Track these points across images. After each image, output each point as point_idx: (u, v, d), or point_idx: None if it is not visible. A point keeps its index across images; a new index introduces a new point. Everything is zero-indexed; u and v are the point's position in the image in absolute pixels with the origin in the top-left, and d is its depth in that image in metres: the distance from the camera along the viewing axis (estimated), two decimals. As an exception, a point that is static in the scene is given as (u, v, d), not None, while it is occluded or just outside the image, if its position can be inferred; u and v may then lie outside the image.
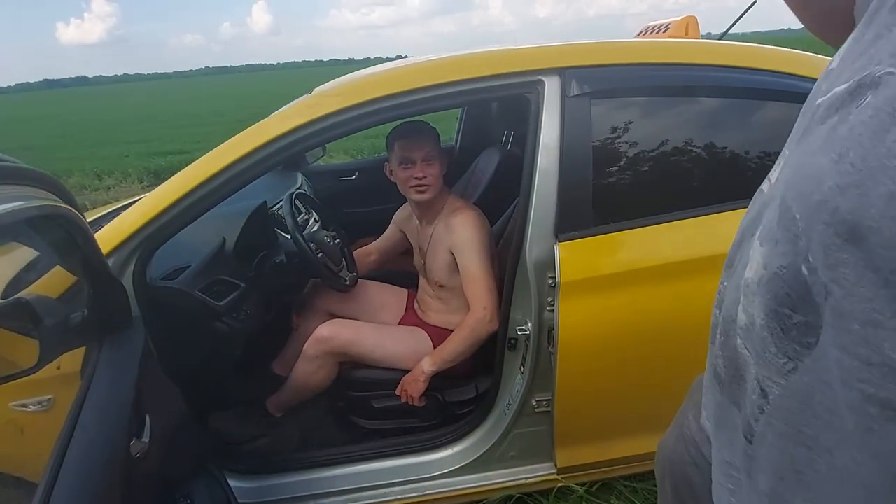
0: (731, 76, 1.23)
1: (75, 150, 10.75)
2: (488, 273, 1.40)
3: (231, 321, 1.37)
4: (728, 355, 0.48)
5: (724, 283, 0.55)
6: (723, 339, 0.49)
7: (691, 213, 1.21)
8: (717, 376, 0.52)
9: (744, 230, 0.51)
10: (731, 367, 0.48)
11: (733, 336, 0.46)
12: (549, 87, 1.19)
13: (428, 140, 1.45)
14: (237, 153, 1.18)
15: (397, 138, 1.45)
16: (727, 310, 0.49)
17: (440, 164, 1.46)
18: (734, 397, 0.48)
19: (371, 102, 1.14)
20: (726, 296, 0.50)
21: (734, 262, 0.51)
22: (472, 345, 1.40)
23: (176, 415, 1.04)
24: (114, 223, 1.19)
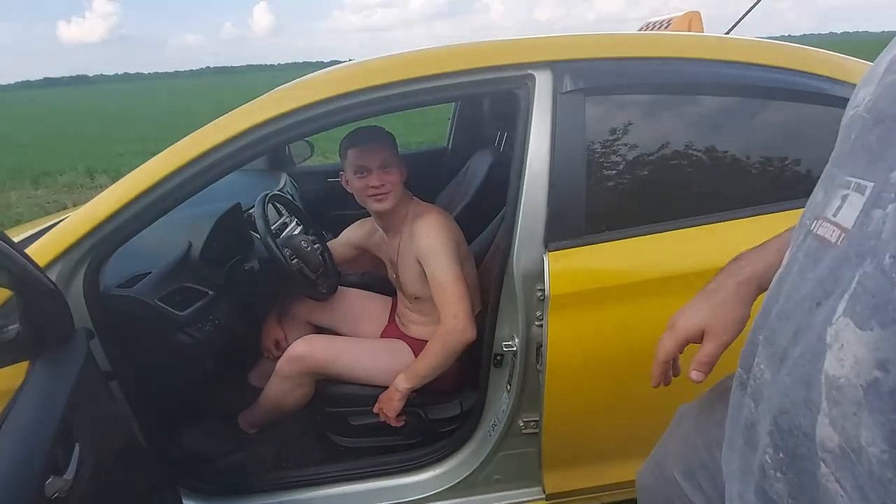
0: (739, 73, 1.13)
1: (71, 148, 10.68)
2: (457, 279, 1.30)
3: (195, 332, 1.27)
4: (797, 481, 0.33)
5: (760, 363, 0.40)
6: (779, 457, 0.35)
7: (694, 221, 1.11)
8: (769, 503, 0.37)
9: (798, 293, 0.36)
10: (805, 501, 0.33)
11: (809, 459, 0.32)
12: (539, 82, 1.09)
13: (383, 146, 1.35)
14: (199, 149, 1.08)
15: (350, 146, 1.35)
16: (785, 415, 0.34)
17: (398, 171, 1.37)
18: None
19: (339, 98, 1.03)
20: (777, 389, 0.36)
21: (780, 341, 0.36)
22: (446, 357, 1.30)
23: (119, 441, 0.93)
24: (61, 226, 1.09)
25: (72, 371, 0.87)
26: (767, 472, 0.37)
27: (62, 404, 0.79)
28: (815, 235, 0.38)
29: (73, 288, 1.09)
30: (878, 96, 0.36)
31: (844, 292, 0.31)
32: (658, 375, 0.69)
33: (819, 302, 0.33)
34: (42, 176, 7.63)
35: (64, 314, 0.92)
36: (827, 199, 0.39)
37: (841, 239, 0.34)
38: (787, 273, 0.40)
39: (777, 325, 0.38)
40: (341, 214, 2.41)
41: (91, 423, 0.87)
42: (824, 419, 0.30)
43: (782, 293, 0.39)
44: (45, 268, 1.05)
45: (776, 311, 0.39)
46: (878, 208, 0.31)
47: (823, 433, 0.31)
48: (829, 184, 0.40)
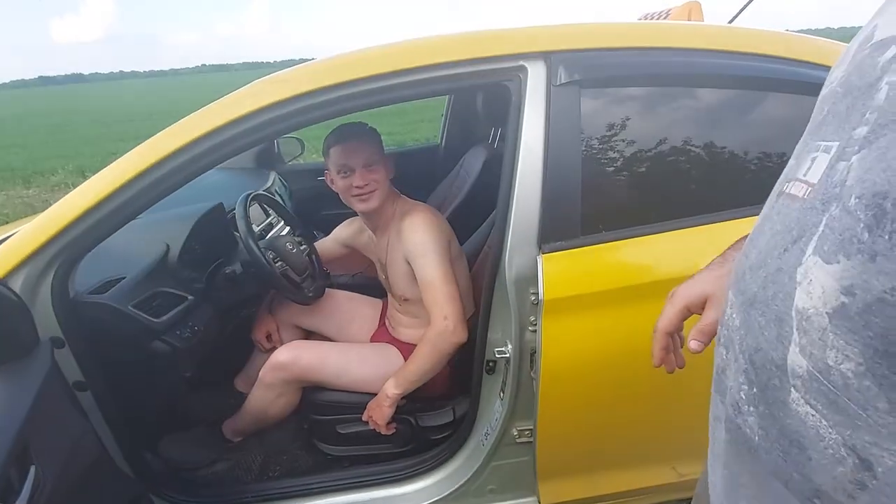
0: (742, 64, 1.07)
1: (64, 147, 10.59)
2: (446, 278, 1.24)
3: (173, 339, 1.21)
4: (767, 412, 0.37)
5: (730, 310, 0.44)
6: (752, 391, 0.38)
7: (695, 220, 1.05)
8: (747, 442, 0.40)
9: (768, 245, 0.40)
10: (772, 430, 0.37)
11: (781, 389, 0.36)
12: (532, 74, 1.03)
13: (367, 144, 1.29)
14: (176, 144, 1.01)
15: (333, 144, 1.29)
16: (760, 353, 0.38)
17: (384, 169, 1.31)
18: (779, 468, 0.37)
19: (318, 92, 0.97)
20: (748, 332, 0.40)
21: (751, 287, 0.40)
22: (436, 360, 1.25)
23: (86, 457, 0.88)
24: (26, 229, 1.02)
25: (32, 385, 0.81)
26: (742, 407, 0.40)
27: (18, 422, 0.74)
28: (785, 195, 0.41)
29: (40, 295, 1.02)
30: (849, 72, 0.40)
31: (813, 236, 0.34)
32: (658, 353, 0.65)
33: (786, 248, 0.37)
34: (34, 175, 7.56)
35: (24, 325, 0.86)
36: (798, 163, 0.43)
37: (808, 193, 0.37)
38: (761, 230, 0.43)
39: (748, 275, 0.41)
40: (333, 214, 2.36)
41: (52, 440, 0.81)
42: (795, 348, 0.34)
43: (755, 247, 0.42)
44: (8, 274, 0.99)
45: (749, 263, 0.42)
46: (843, 160, 0.34)
47: (794, 361, 0.34)
48: (801, 151, 0.44)
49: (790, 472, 0.36)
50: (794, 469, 0.36)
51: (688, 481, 1.26)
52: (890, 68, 0.34)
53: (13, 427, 0.73)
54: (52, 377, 0.85)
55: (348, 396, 1.38)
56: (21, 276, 1.00)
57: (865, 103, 0.35)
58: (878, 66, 0.36)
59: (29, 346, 0.86)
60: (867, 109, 0.35)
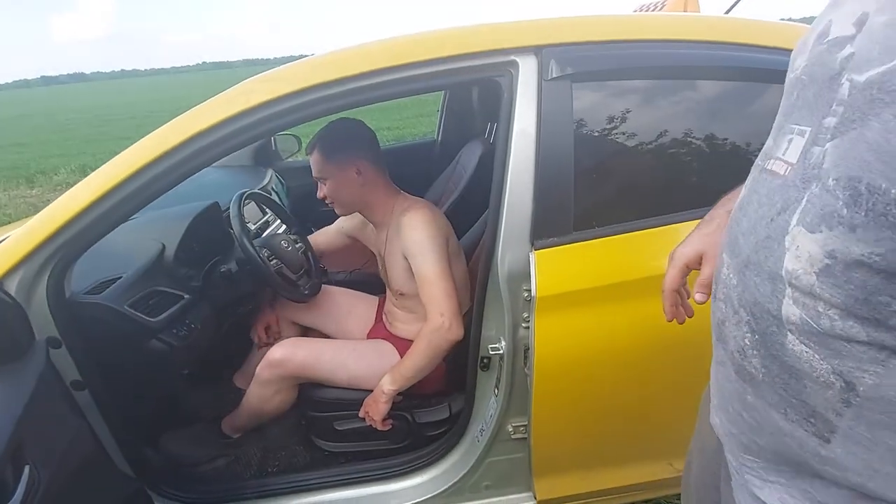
0: (739, 55, 1.06)
1: (67, 146, 10.63)
2: (444, 275, 1.25)
3: (169, 338, 1.22)
4: (768, 353, 0.44)
5: (726, 271, 0.50)
6: (755, 338, 0.45)
7: (689, 215, 1.04)
8: (748, 377, 0.47)
9: (756, 214, 0.46)
10: (773, 367, 0.44)
11: (778, 333, 0.43)
12: (523, 68, 1.03)
13: (317, 157, 1.32)
14: (170, 143, 1.01)
15: None
16: (758, 306, 0.44)
17: (342, 178, 1.32)
18: (776, 400, 0.45)
19: (307, 91, 0.97)
20: (745, 289, 0.46)
21: (744, 250, 0.47)
22: (432, 357, 1.25)
23: (81, 456, 0.88)
24: (22, 230, 1.03)
25: (26, 385, 0.81)
26: (747, 352, 0.46)
27: (12, 423, 0.74)
28: (767, 171, 0.48)
29: (36, 295, 1.03)
30: (812, 63, 0.46)
31: (796, 209, 0.41)
32: (669, 308, 0.73)
33: (772, 218, 0.43)
34: (37, 175, 7.59)
35: (18, 325, 0.87)
36: (776, 143, 0.49)
37: (787, 171, 0.44)
38: (749, 201, 0.49)
39: (741, 240, 0.48)
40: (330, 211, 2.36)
41: (47, 440, 0.82)
42: (788, 301, 0.41)
43: (745, 216, 0.48)
44: (4, 275, 1.00)
45: (741, 230, 0.48)
46: (817, 146, 0.41)
47: (788, 311, 0.41)
48: (776, 132, 0.50)
49: (790, 399, 0.43)
50: (793, 396, 0.43)
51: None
52: (847, 66, 0.40)
53: (7, 428, 0.73)
54: (46, 377, 0.86)
55: (345, 393, 1.39)
56: (17, 278, 1.00)
57: (830, 95, 0.41)
58: (837, 62, 0.42)
59: (24, 347, 0.86)
60: (833, 101, 0.40)
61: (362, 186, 1.33)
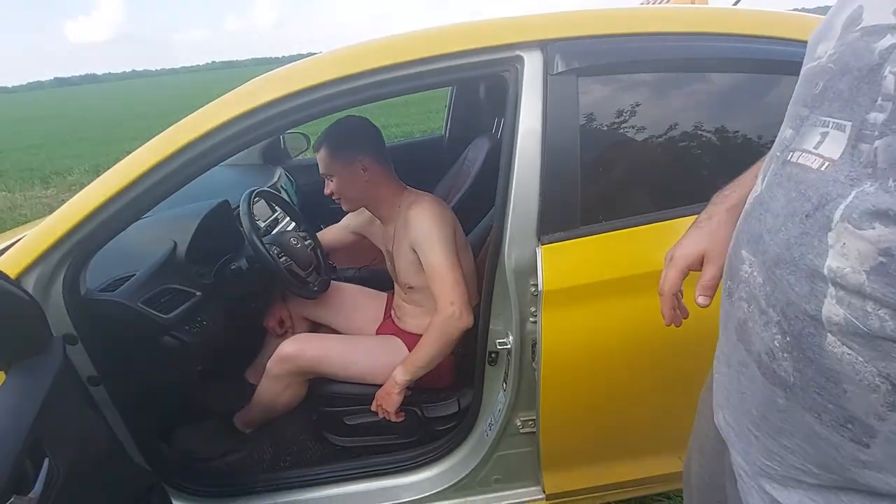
0: (748, 47, 1.04)
1: (80, 147, 10.77)
2: (452, 265, 1.26)
3: (182, 335, 1.24)
4: (802, 356, 0.42)
5: (749, 268, 0.48)
6: (786, 340, 0.43)
7: (696, 209, 1.03)
8: (779, 380, 0.45)
9: (785, 210, 0.44)
10: (808, 371, 0.42)
11: (815, 335, 0.40)
12: (528, 63, 1.02)
13: (323, 154, 1.34)
14: (178, 143, 1.03)
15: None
16: (792, 306, 0.42)
17: (347, 176, 1.34)
18: (809, 403, 0.43)
19: (314, 89, 0.97)
20: (775, 287, 0.44)
21: (772, 248, 0.44)
22: (443, 346, 1.26)
23: (97, 450, 0.91)
24: (38, 229, 1.05)
25: (45, 381, 0.83)
26: (776, 354, 0.44)
27: (32, 417, 0.76)
28: (794, 164, 0.45)
29: (52, 293, 1.06)
30: (842, 52, 0.43)
31: (838, 205, 0.38)
32: (668, 312, 0.70)
33: (808, 214, 0.41)
34: (51, 175, 7.71)
35: (37, 322, 0.89)
36: (802, 135, 0.45)
37: (825, 166, 0.41)
38: (773, 195, 0.46)
39: (767, 237, 0.45)
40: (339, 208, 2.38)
41: (65, 433, 0.84)
42: (830, 300, 0.39)
43: (769, 211, 0.46)
44: (22, 273, 1.02)
45: (766, 226, 0.46)
46: (864, 143, 0.38)
47: (830, 311, 0.39)
48: (799, 123, 0.47)
49: (825, 405, 0.41)
50: (829, 400, 0.41)
51: (693, 470, 1.26)
52: (890, 58, 0.38)
53: (27, 421, 0.75)
54: (63, 373, 0.88)
55: (355, 388, 1.40)
56: (34, 276, 1.03)
57: (872, 89, 0.39)
58: (876, 53, 0.39)
59: (42, 343, 0.88)
60: (878, 96, 0.38)
61: (368, 182, 1.35)
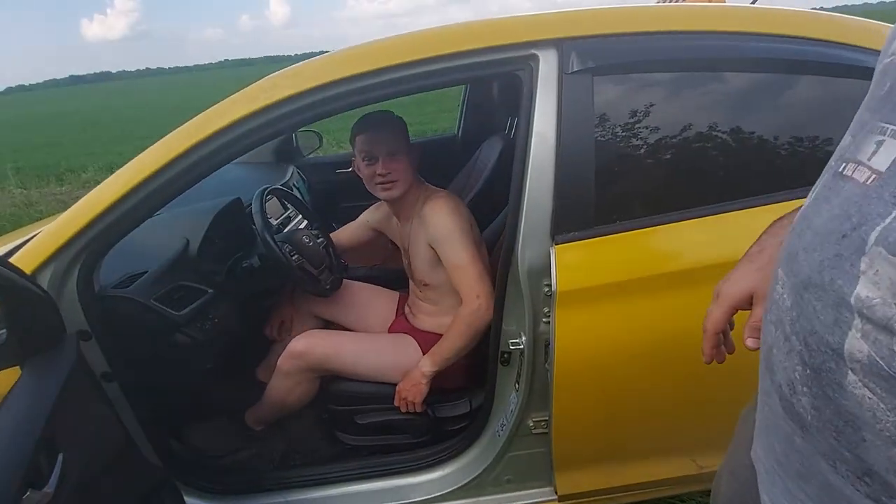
0: (766, 46, 1.02)
1: (95, 145, 10.91)
2: (475, 259, 1.26)
3: (194, 332, 1.24)
4: (821, 393, 0.38)
5: (780, 289, 0.44)
6: (806, 373, 0.39)
7: (714, 209, 1.02)
8: (797, 416, 0.41)
9: (825, 227, 0.40)
10: (826, 411, 0.38)
11: (836, 371, 0.36)
12: (543, 62, 1.01)
13: (391, 133, 1.31)
14: (191, 140, 1.03)
15: (359, 132, 1.32)
16: (815, 336, 0.38)
17: (407, 158, 1.32)
18: (825, 449, 0.38)
19: (328, 87, 0.97)
20: (801, 314, 0.40)
21: (804, 269, 0.40)
22: (470, 338, 1.26)
23: (111, 445, 0.91)
24: (52, 226, 1.06)
25: (59, 376, 0.84)
26: (797, 387, 0.40)
27: (46, 412, 0.77)
28: (843, 176, 0.40)
29: (67, 289, 1.06)
30: None
31: (875, 226, 0.34)
32: (709, 351, 0.65)
33: (845, 234, 0.36)
34: (66, 173, 7.82)
35: (52, 318, 0.90)
36: (858, 143, 0.41)
37: (871, 180, 0.37)
38: (817, 211, 0.42)
39: (802, 256, 0.41)
40: (351, 206, 2.38)
41: (79, 429, 0.85)
42: (855, 334, 0.34)
43: (810, 228, 0.41)
44: (37, 269, 1.03)
45: (803, 244, 0.41)
46: None
47: (853, 346, 0.35)
48: (860, 129, 0.42)
49: (841, 452, 0.37)
50: (846, 449, 0.36)
51: (708, 473, 1.23)
52: None
53: (42, 416, 0.76)
54: (77, 368, 0.89)
55: (366, 387, 1.40)
56: (48, 272, 1.04)
57: None
58: None
59: (56, 339, 0.89)
60: None
61: (413, 170, 1.35)
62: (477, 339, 1.27)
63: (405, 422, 1.38)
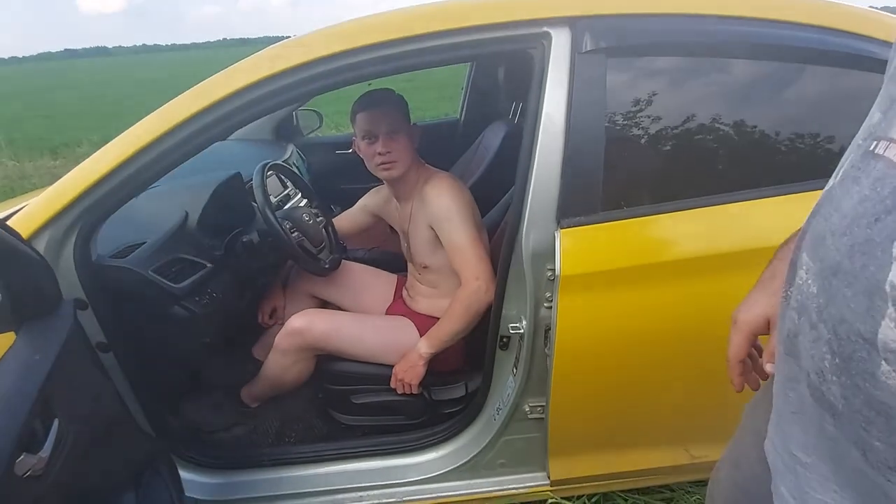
0: (785, 34, 1.00)
1: (90, 119, 10.75)
2: (475, 240, 1.25)
3: (192, 305, 1.23)
4: (851, 383, 0.37)
5: (805, 275, 0.43)
6: (835, 362, 0.38)
7: (724, 198, 1.01)
8: (827, 404, 0.40)
9: (855, 210, 0.38)
10: (855, 400, 0.37)
11: (868, 361, 0.35)
12: (556, 40, 0.99)
13: (391, 111, 1.29)
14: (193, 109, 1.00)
15: (359, 110, 1.30)
16: (844, 324, 0.37)
17: (407, 137, 1.31)
18: (854, 437, 0.38)
19: (332, 58, 0.95)
20: (830, 301, 0.39)
21: (832, 254, 0.38)
22: (469, 321, 1.25)
23: (106, 414, 0.90)
24: (50, 190, 1.04)
25: (55, 342, 0.83)
26: (826, 376, 0.39)
27: (42, 377, 0.76)
28: (875, 155, 0.39)
29: (63, 257, 1.05)
30: None
31: None
32: (737, 380, 0.64)
33: (878, 217, 0.35)
34: (61, 147, 7.71)
35: (48, 284, 0.88)
36: (889, 119, 0.39)
37: None
38: (844, 192, 0.40)
39: (830, 240, 0.39)
40: (351, 188, 2.36)
41: (75, 396, 0.83)
42: (889, 323, 0.33)
43: (838, 210, 0.40)
44: (33, 234, 1.01)
45: (830, 226, 0.40)
46: None
47: (887, 335, 0.34)
48: (889, 104, 0.41)
49: (871, 441, 0.36)
50: (877, 437, 0.36)
51: (700, 463, 1.25)
52: None
53: (37, 381, 0.75)
54: (74, 335, 0.87)
55: (362, 367, 1.40)
56: (45, 238, 1.02)
57: None
58: None
59: (52, 304, 0.87)
60: None
61: (414, 150, 1.34)
62: (475, 322, 1.26)
63: (401, 403, 1.38)
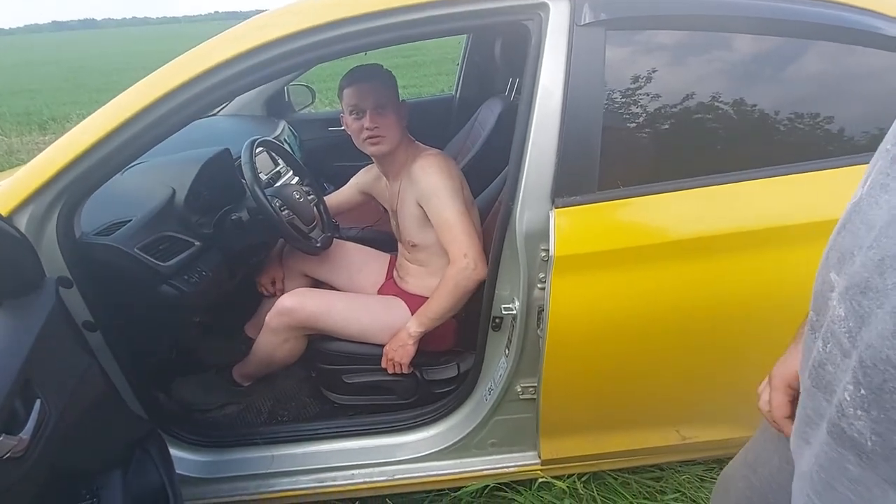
0: (798, 9, 0.96)
1: (78, 94, 10.53)
2: (463, 217, 1.23)
3: (181, 284, 1.21)
4: (883, 417, 0.33)
5: (832, 296, 0.39)
6: (860, 393, 0.34)
7: (723, 178, 0.99)
8: (849, 442, 0.36)
9: (886, 222, 0.34)
10: (891, 437, 0.33)
11: None
12: (554, 12, 0.96)
13: (378, 86, 1.26)
14: (177, 80, 0.97)
15: (346, 85, 1.27)
16: (871, 350, 0.33)
17: (395, 113, 1.28)
18: (892, 475, 0.34)
19: (324, 28, 0.91)
20: (859, 322, 0.35)
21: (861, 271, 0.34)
22: (458, 298, 1.24)
23: (92, 394, 0.89)
24: (30, 165, 1.00)
25: (36, 321, 0.81)
26: (846, 410, 0.36)
27: (23, 356, 0.74)
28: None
29: (46, 234, 1.02)
30: None
31: None
32: (787, 430, 0.61)
33: None
34: (49, 122, 7.55)
35: (28, 261, 0.85)
36: None
37: None
38: (873, 203, 0.37)
39: (858, 256, 0.36)
40: (343, 166, 2.32)
41: (58, 376, 0.82)
42: None
43: (864, 223, 0.37)
44: (13, 211, 0.98)
45: (858, 241, 0.37)
46: None
47: None
48: None
49: None
50: None
51: (690, 444, 1.26)
52: None
53: (18, 359, 0.73)
54: (56, 314, 0.85)
55: (355, 347, 1.39)
56: (26, 215, 0.99)
57: None
58: None
59: (34, 283, 0.85)
60: None
61: (403, 127, 1.31)
62: (464, 300, 1.25)
63: (393, 383, 1.38)
